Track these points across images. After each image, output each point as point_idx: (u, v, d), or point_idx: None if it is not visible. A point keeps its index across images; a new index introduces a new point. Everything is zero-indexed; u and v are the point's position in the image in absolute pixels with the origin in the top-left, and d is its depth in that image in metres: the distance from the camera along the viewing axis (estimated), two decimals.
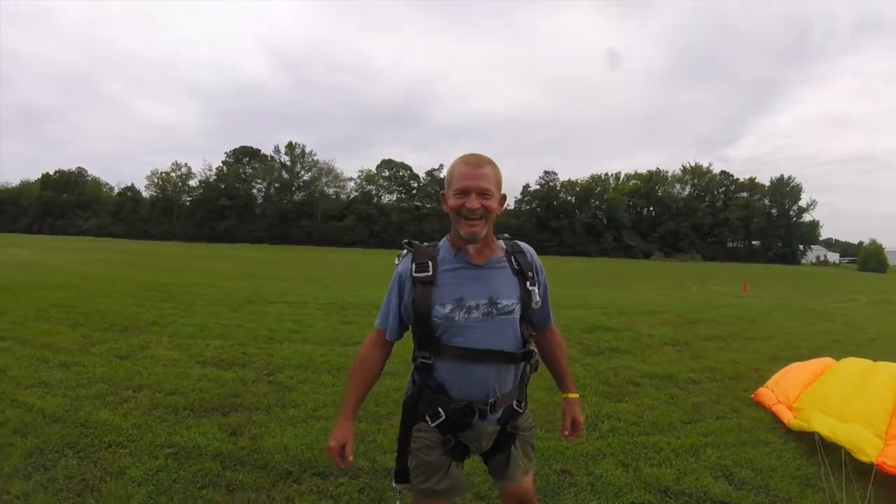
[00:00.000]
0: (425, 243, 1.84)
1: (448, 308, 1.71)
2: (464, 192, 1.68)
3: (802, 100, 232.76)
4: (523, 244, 1.90)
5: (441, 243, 1.84)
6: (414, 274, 1.75)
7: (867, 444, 3.31)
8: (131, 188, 75.57)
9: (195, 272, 17.11)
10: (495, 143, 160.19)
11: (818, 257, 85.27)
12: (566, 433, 2.02)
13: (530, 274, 1.82)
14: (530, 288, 1.79)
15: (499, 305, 1.74)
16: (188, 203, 74.08)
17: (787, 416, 4.12)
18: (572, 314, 9.53)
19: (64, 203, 70.88)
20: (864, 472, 3.19)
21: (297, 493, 2.91)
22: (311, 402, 4.38)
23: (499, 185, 1.75)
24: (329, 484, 3.01)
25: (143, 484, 2.92)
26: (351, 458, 1.79)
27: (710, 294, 17.12)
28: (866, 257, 57.66)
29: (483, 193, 1.68)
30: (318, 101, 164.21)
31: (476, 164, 1.72)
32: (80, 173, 77.49)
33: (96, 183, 77.07)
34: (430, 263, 1.75)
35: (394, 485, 1.88)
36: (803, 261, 78.98)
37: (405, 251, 1.83)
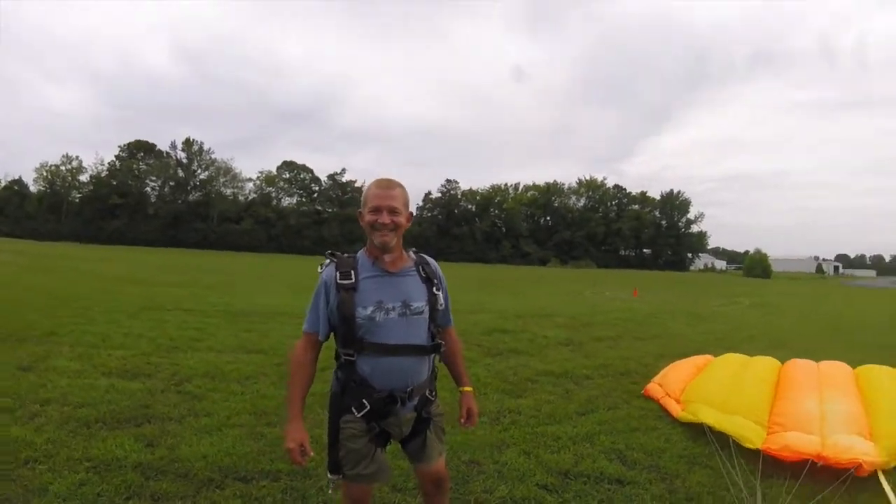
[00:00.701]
0: (345, 254, 2.12)
1: (369, 310, 1.98)
2: (377, 210, 1.99)
3: (693, 123, 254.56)
4: (428, 257, 2.23)
5: (359, 255, 2.11)
6: (338, 281, 2.00)
7: (752, 434, 3.75)
8: (18, 181, 68.30)
9: (87, 276, 16.00)
10: (399, 151, 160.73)
11: (706, 265, 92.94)
12: (463, 421, 2.33)
13: (435, 281, 2.14)
14: (436, 293, 2.12)
15: (411, 307, 2.05)
16: (77, 200, 67.91)
17: (675, 409, 4.60)
18: (472, 318, 9.97)
19: None
20: (750, 452, 3.64)
21: (222, 497, 3.00)
22: (224, 410, 4.41)
23: (406, 205, 2.07)
24: (252, 488, 3.12)
25: (68, 500, 2.89)
26: (311, 454, 2.04)
27: (602, 299, 18.36)
28: (751, 264, 62.57)
29: (392, 211, 2.00)
30: (219, 97, 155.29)
31: (387, 186, 2.05)
32: None
33: None
34: (352, 272, 2.02)
35: (328, 476, 2.10)
36: (692, 268, 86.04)
37: (328, 261, 2.08)
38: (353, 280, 2.01)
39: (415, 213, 2.38)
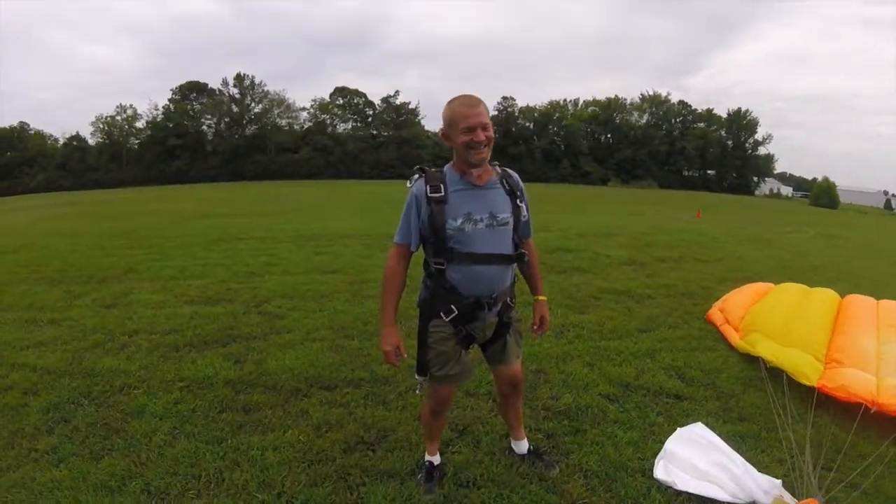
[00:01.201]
0: (434, 169, 2.19)
1: (459, 221, 2.08)
2: (470, 129, 2.03)
3: (763, 36, 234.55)
4: (511, 171, 2.29)
5: (446, 169, 2.18)
6: (429, 195, 2.09)
7: (809, 369, 3.62)
8: (77, 137, 70.37)
9: (156, 216, 16.76)
10: (451, 67, 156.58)
11: (771, 190, 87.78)
12: (535, 328, 2.46)
13: (518, 194, 2.22)
14: (519, 205, 2.21)
15: (498, 218, 2.14)
16: (136, 147, 70.16)
17: (734, 337, 4.52)
18: (535, 237, 9.79)
19: (9, 162, 65.95)
20: (803, 385, 3.56)
21: (309, 405, 3.28)
22: (304, 326, 4.70)
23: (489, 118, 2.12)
24: (336, 395, 3.40)
25: (165, 417, 3.12)
26: (405, 355, 2.21)
27: (664, 219, 17.86)
28: (818, 193, 58.93)
29: (485, 127, 2.06)
30: (263, 31, 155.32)
31: (474, 104, 2.07)
32: (23, 128, 72.01)
33: (40, 136, 71.50)
34: (441, 186, 2.10)
35: (416, 377, 2.28)
36: (757, 192, 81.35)
37: (417, 176, 2.16)
38: (443, 193, 2.09)
39: None
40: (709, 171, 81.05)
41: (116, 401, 3.34)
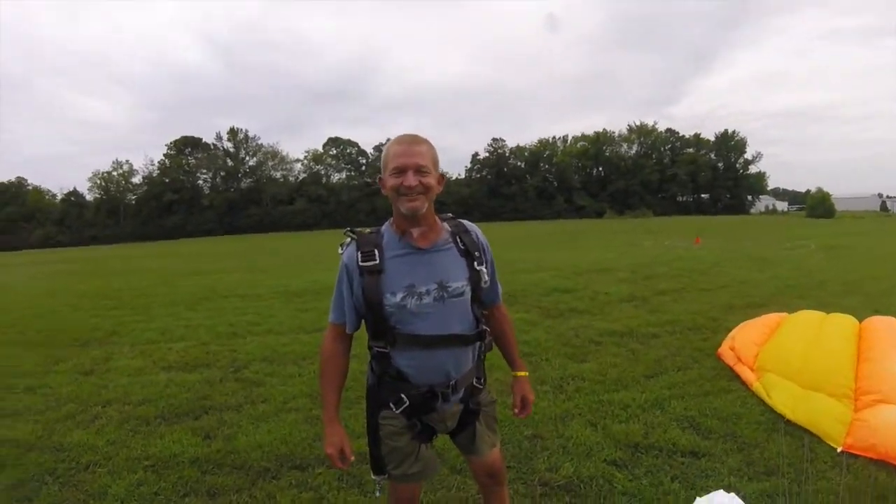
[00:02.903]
0: (367, 230, 1.81)
1: (399, 296, 1.68)
2: (400, 171, 1.65)
3: (739, 59, 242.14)
4: (468, 223, 1.88)
5: (384, 228, 1.79)
6: (360, 263, 1.70)
7: (832, 425, 3.28)
8: (74, 193, 71.31)
9: (147, 273, 16.55)
10: (439, 115, 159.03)
11: (767, 206, 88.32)
12: (516, 411, 2.06)
13: (477, 254, 1.80)
14: (478, 268, 1.78)
15: (449, 289, 1.72)
16: (133, 202, 70.88)
17: (749, 378, 4.18)
18: (530, 278, 9.68)
19: (7, 217, 66.38)
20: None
21: (278, 488, 2.92)
22: (280, 395, 4.39)
23: (435, 164, 1.71)
24: (308, 476, 3.04)
25: (126, 501, 2.88)
26: (352, 458, 1.83)
27: (662, 249, 17.65)
28: (814, 204, 59.17)
29: (419, 170, 1.65)
30: (255, 84, 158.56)
31: (411, 141, 1.69)
32: (21, 183, 72.82)
33: (38, 192, 72.31)
34: (375, 251, 1.71)
35: (372, 476, 1.89)
36: (752, 210, 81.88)
37: (348, 240, 1.79)
38: (378, 261, 1.70)
39: (464, 176, 1.94)
40: (702, 195, 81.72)
41: (81, 480, 3.14)
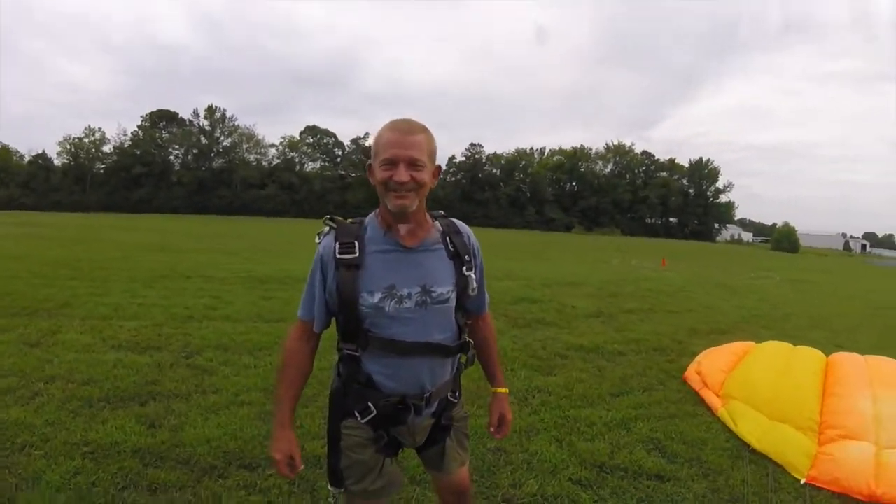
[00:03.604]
0: (350, 220, 1.64)
1: (377, 297, 1.52)
2: (391, 163, 1.48)
3: (724, 90, 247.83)
4: (460, 223, 1.73)
5: (368, 220, 1.62)
6: (338, 255, 1.54)
7: (797, 456, 3.28)
8: (42, 156, 68.67)
9: (109, 245, 15.96)
10: (423, 113, 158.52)
11: (732, 236, 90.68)
12: (492, 430, 1.90)
13: (467, 258, 1.65)
14: (467, 273, 1.63)
15: (433, 294, 1.57)
16: (102, 171, 68.51)
17: (715, 403, 4.16)
18: (499, 286, 9.69)
19: None
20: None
21: (224, 488, 2.74)
22: (233, 385, 4.18)
23: (432, 156, 1.55)
24: (257, 477, 2.85)
25: (61, 489, 2.67)
26: (301, 467, 1.65)
27: (629, 268, 17.84)
28: (779, 238, 60.93)
29: (413, 164, 1.48)
30: (239, 64, 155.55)
31: (407, 130, 1.50)
32: None
33: (6, 151, 69.14)
34: (355, 244, 1.54)
35: (329, 488, 1.71)
36: (718, 238, 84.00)
37: (326, 228, 1.61)
38: (357, 254, 1.53)
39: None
40: (671, 219, 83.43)
41: (14, 462, 2.91)
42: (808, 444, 3.35)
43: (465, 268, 1.64)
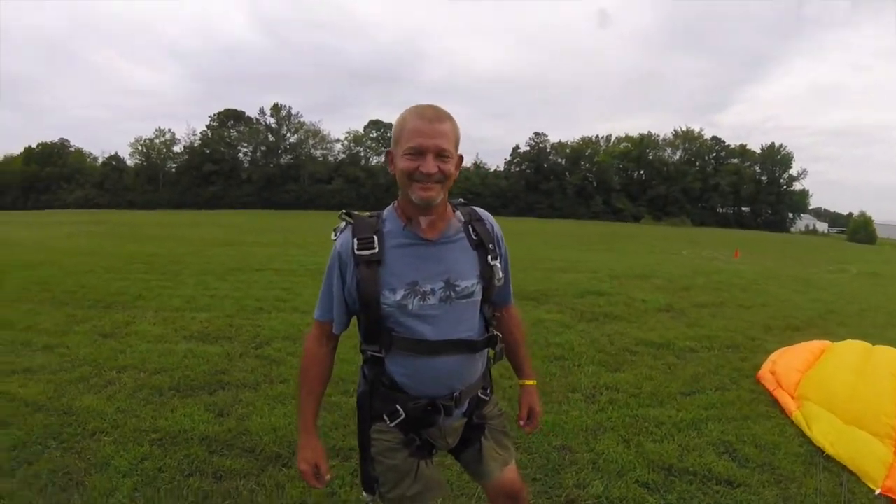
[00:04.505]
0: (367, 213, 1.57)
1: (400, 294, 1.45)
2: (417, 152, 1.39)
3: (793, 71, 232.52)
4: (481, 210, 1.64)
5: (386, 213, 1.55)
6: (356, 252, 1.46)
7: (873, 464, 3.06)
8: (115, 157, 72.91)
9: (181, 241, 16.73)
10: (485, 103, 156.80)
11: (807, 226, 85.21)
12: (522, 423, 1.83)
13: (491, 246, 1.56)
14: (492, 262, 1.55)
15: (457, 288, 1.50)
16: (173, 170, 72.22)
17: (790, 406, 3.92)
18: (565, 278, 9.49)
19: (48, 176, 68.23)
20: None
21: (287, 478, 2.78)
22: None
23: (457, 145, 1.47)
24: None
25: (128, 475, 2.77)
26: (328, 476, 1.62)
27: (701, 260, 17.07)
28: (855, 228, 56.91)
29: (440, 154, 1.40)
30: (300, 62, 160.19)
31: (434, 117, 1.41)
32: (63, 145, 74.73)
33: (80, 153, 74.43)
34: (374, 238, 1.47)
35: (363, 495, 1.65)
36: (792, 229, 79.04)
37: (342, 224, 1.55)
38: (377, 249, 1.46)
39: (502, 168, 1.58)
40: (743, 208, 79.16)
41: (84, 447, 3.04)
42: (885, 452, 3.10)
43: (489, 257, 1.56)
